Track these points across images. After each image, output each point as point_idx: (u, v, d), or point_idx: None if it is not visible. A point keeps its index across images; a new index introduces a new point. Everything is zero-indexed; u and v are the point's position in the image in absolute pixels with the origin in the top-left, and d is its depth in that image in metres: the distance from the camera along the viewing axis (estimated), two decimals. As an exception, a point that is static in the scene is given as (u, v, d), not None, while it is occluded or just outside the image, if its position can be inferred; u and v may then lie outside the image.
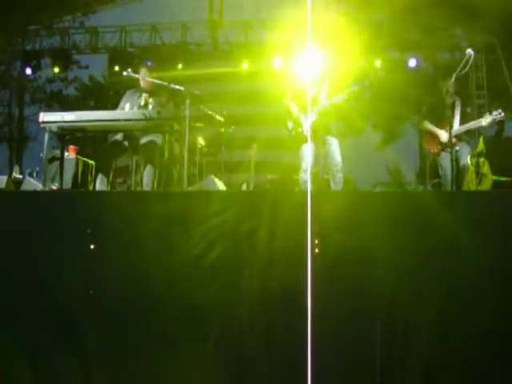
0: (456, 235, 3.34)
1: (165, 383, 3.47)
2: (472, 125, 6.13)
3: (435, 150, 6.27)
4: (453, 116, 6.18)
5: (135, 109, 5.67)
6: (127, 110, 5.71)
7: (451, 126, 5.67)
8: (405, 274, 3.34)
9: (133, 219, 3.62)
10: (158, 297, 3.49)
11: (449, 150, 5.88)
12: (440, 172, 6.27)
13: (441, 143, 6.16)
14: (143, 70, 6.00)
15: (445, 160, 6.11)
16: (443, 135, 6.14)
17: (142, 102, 5.79)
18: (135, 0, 12.65)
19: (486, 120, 6.05)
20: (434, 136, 6.24)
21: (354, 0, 12.99)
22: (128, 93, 5.99)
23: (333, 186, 5.74)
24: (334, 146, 5.82)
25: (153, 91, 5.91)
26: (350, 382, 3.33)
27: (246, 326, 3.36)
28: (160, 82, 5.83)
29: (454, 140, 6.04)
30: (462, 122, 6.21)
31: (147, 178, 5.41)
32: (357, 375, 3.29)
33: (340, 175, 5.74)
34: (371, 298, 3.32)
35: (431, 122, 6.33)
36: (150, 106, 5.69)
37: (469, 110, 6.47)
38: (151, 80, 5.84)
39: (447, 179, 6.04)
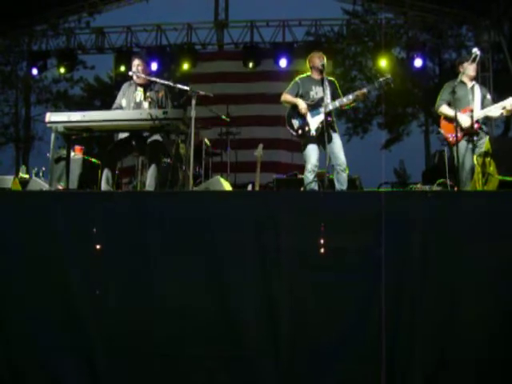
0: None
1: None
2: (493, 108, 5.79)
3: (454, 139, 5.61)
4: (473, 100, 5.89)
5: (131, 105, 5.64)
6: (124, 105, 5.69)
7: (470, 110, 5.44)
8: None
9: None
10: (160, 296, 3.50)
11: (469, 138, 5.64)
12: (456, 163, 5.59)
13: (462, 129, 5.68)
14: (136, 61, 5.77)
15: (463, 150, 5.72)
16: (465, 121, 5.72)
17: (138, 99, 5.68)
18: (141, 0, 12.65)
19: (510, 102, 5.68)
20: (454, 122, 5.54)
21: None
22: (124, 85, 5.88)
23: (337, 186, 5.73)
24: (338, 145, 5.81)
25: (147, 85, 5.77)
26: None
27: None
28: (153, 78, 5.72)
29: (476, 126, 5.76)
30: (482, 108, 5.87)
31: (150, 179, 5.39)
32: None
33: (344, 175, 5.72)
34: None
35: (449, 105, 5.85)
36: (146, 104, 5.61)
37: (489, 96, 6.02)
38: (143, 76, 5.69)
39: (465, 171, 5.69)
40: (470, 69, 5.90)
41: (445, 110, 5.94)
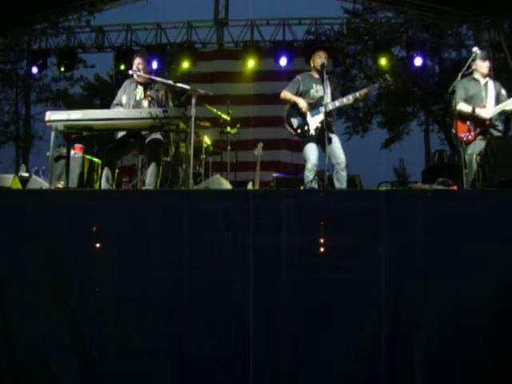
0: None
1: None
2: (509, 103, 5.71)
3: (469, 138, 5.72)
4: (486, 97, 5.84)
5: (131, 102, 5.64)
6: (124, 102, 5.69)
7: (474, 106, 5.33)
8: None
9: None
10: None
11: (484, 136, 5.57)
12: (459, 162, 5.61)
13: (481, 123, 5.69)
14: (137, 60, 5.76)
15: (477, 149, 5.64)
16: (486, 112, 5.69)
17: (138, 97, 5.69)
18: (141, -2, 12.64)
19: None
20: (470, 119, 5.66)
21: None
22: (126, 82, 5.89)
23: (337, 185, 5.72)
24: (337, 144, 5.80)
25: (148, 84, 5.76)
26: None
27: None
28: (154, 77, 5.71)
29: (487, 123, 5.74)
30: (497, 104, 5.81)
31: (150, 177, 5.39)
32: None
33: (344, 174, 5.71)
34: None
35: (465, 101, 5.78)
36: (146, 102, 5.61)
37: (504, 92, 5.93)
38: (144, 75, 5.68)
39: (473, 172, 5.59)
40: (482, 66, 5.90)
41: (463, 107, 5.78)
